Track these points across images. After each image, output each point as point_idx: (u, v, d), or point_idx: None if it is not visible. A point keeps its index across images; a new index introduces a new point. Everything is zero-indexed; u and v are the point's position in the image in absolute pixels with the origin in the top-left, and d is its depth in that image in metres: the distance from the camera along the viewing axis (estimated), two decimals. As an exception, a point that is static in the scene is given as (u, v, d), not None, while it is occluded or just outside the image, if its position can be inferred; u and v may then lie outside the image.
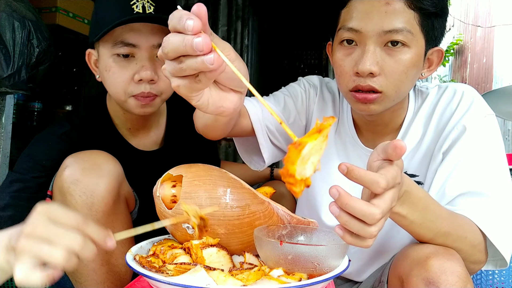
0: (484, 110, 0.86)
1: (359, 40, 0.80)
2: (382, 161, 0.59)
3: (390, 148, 0.56)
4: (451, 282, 0.62)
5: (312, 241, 0.73)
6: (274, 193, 0.86)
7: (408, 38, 0.78)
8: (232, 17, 3.22)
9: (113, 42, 0.93)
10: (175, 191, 0.77)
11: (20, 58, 1.56)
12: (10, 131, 1.62)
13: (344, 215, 0.54)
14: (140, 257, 0.69)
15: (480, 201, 0.77)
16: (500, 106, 2.17)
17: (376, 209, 0.53)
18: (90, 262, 0.83)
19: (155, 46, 0.94)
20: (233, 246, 0.74)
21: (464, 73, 9.21)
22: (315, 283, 0.59)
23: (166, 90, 0.99)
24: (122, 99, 0.97)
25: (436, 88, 0.93)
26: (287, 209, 0.78)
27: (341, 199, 0.54)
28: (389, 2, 0.77)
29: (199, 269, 0.60)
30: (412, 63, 0.80)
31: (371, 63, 0.77)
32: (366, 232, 0.55)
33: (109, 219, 0.85)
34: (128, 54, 0.94)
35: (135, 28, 0.93)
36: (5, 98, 1.59)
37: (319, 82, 1.07)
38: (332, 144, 1.02)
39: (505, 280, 1.41)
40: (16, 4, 1.59)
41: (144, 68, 0.93)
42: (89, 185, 0.82)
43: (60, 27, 2.20)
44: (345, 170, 0.55)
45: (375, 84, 0.79)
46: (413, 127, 0.93)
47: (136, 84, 0.95)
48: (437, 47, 0.85)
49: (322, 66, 5.35)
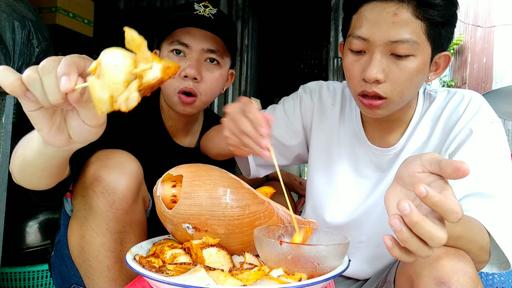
0: (491, 117, 0.87)
1: (367, 48, 0.82)
2: (434, 176, 0.55)
3: (452, 169, 0.52)
4: (463, 283, 0.62)
5: (312, 241, 0.73)
6: (274, 193, 0.86)
7: (414, 47, 0.79)
8: (232, 17, 3.22)
9: (172, 40, 1.07)
10: (175, 191, 0.77)
11: (20, 58, 1.56)
12: (10, 131, 1.62)
13: (407, 231, 0.50)
14: (140, 257, 0.69)
15: (487, 203, 0.77)
16: (500, 106, 2.17)
17: (445, 234, 0.50)
18: (105, 258, 0.85)
19: (205, 50, 1.06)
20: (233, 246, 0.74)
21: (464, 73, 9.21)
22: (315, 283, 0.59)
23: (206, 91, 1.09)
24: (170, 94, 1.08)
25: (445, 92, 0.95)
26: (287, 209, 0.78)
27: (412, 216, 0.49)
28: (397, 13, 0.79)
29: (199, 269, 0.60)
30: (418, 70, 0.82)
31: (377, 71, 0.80)
32: (423, 253, 0.51)
33: (128, 217, 0.87)
34: (180, 51, 1.07)
35: (191, 32, 1.06)
36: (5, 98, 1.59)
37: (317, 86, 1.11)
38: (338, 143, 1.04)
39: (505, 280, 1.41)
40: (16, 4, 1.59)
41: (190, 66, 1.05)
42: (111, 182, 0.84)
43: (60, 27, 2.20)
44: (423, 193, 0.49)
45: (380, 91, 0.82)
46: (419, 127, 0.94)
47: (182, 80, 1.06)
48: (444, 52, 0.86)
49: (322, 66, 5.34)
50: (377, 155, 0.98)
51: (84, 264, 0.86)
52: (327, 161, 1.05)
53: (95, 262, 0.85)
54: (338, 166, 1.03)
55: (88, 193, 0.84)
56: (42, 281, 1.79)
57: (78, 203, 0.86)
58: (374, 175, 0.99)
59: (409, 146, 0.95)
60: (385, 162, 0.97)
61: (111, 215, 0.84)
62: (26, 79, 0.49)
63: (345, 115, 1.05)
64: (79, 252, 0.87)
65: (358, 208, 0.99)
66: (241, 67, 3.22)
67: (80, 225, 0.85)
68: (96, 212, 0.83)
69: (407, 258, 0.53)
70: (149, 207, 0.99)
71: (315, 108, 1.08)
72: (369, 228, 0.97)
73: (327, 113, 1.07)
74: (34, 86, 0.49)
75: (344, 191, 1.01)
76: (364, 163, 1.00)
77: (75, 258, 0.88)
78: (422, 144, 0.94)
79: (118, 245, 0.86)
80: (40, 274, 1.78)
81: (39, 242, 1.84)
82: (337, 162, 1.03)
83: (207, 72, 1.07)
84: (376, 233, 0.96)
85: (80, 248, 0.86)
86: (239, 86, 3.22)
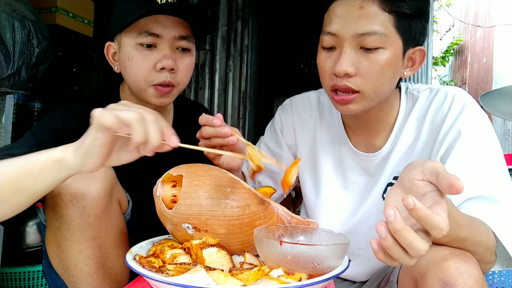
0: (477, 112, 0.86)
1: (337, 43, 0.84)
2: (432, 186, 0.56)
3: (446, 184, 0.52)
4: (468, 285, 0.62)
5: (312, 241, 0.73)
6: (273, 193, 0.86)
7: (382, 39, 0.81)
8: (232, 17, 3.22)
9: (137, 32, 0.98)
10: (175, 191, 0.77)
11: (20, 58, 1.56)
12: (10, 131, 1.62)
13: (391, 240, 0.51)
14: (140, 257, 0.69)
15: (488, 204, 0.77)
16: (500, 106, 2.17)
17: (425, 245, 0.51)
18: (85, 266, 0.82)
19: (177, 37, 1.00)
20: (233, 246, 0.74)
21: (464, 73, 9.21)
22: (315, 283, 0.59)
23: (182, 80, 1.04)
24: (142, 88, 1.01)
25: (427, 91, 0.94)
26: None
27: (395, 224, 0.50)
28: (363, 6, 0.81)
29: (199, 269, 0.60)
30: (388, 63, 0.82)
31: (346, 64, 0.82)
32: (405, 261, 0.52)
33: (102, 223, 0.84)
34: (151, 45, 0.99)
35: (159, 20, 0.98)
36: (5, 98, 1.59)
37: (291, 102, 1.12)
38: (322, 153, 1.04)
39: (505, 280, 1.41)
40: (16, 4, 1.59)
41: (166, 57, 0.99)
42: (79, 189, 0.81)
43: (60, 27, 2.20)
44: (411, 205, 0.49)
45: (351, 84, 0.83)
46: (405, 129, 0.93)
47: (157, 73, 1.00)
48: (418, 47, 0.87)
49: (322, 66, 5.33)
50: (363, 160, 0.98)
51: (65, 273, 0.85)
52: (314, 173, 1.05)
53: (75, 271, 0.83)
54: (326, 177, 1.03)
55: (57, 202, 0.81)
56: (42, 281, 1.79)
57: (49, 213, 0.84)
58: (362, 180, 0.98)
59: (397, 150, 0.94)
60: (373, 167, 0.97)
61: (84, 222, 0.81)
62: (137, 122, 0.60)
63: (325, 123, 1.05)
64: (59, 262, 0.85)
65: (352, 217, 0.99)
66: (241, 67, 3.22)
67: (54, 235, 0.83)
68: (67, 221, 0.80)
69: (391, 263, 0.54)
70: (128, 209, 0.96)
71: (295, 123, 1.09)
72: (367, 234, 0.97)
73: (307, 125, 1.07)
74: (139, 127, 0.60)
75: (334, 202, 1.02)
76: (351, 170, 1.00)
77: (56, 268, 0.87)
78: (409, 146, 0.93)
79: (97, 251, 0.83)
80: (40, 274, 1.78)
81: (39, 242, 1.84)
82: (324, 173, 1.03)
83: (180, 60, 1.02)
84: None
85: (59, 258, 0.85)
86: (239, 86, 3.22)
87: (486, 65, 7.93)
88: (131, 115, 0.60)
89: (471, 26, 8.82)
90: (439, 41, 10.32)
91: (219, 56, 3.20)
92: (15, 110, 1.68)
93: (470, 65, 8.92)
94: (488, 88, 7.47)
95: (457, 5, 9.53)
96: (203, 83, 3.22)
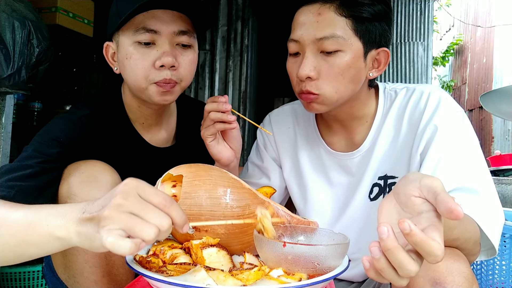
0: (452, 107, 0.89)
1: (300, 49, 0.89)
2: (429, 206, 0.52)
3: (445, 208, 0.49)
4: (458, 283, 0.62)
5: (312, 241, 0.73)
6: (274, 193, 0.86)
7: (340, 42, 0.84)
8: (232, 17, 3.23)
9: (134, 29, 0.93)
10: (175, 191, 0.77)
11: (20, 58, 1.56)
12: (10, 131, 1.62)
13: (384, 262, 0.50)
14: (140, 257, 0.69)
15: (470, 195, 0.78)
16: (500, 106, 2.17)
17: (415, 267, 0.49)
18: (90, 274, 0.82)
19: (176, 33, 0.94)
20: (233, 246, 0.74)
21: (464, 73, 9.21)
22: (315, 283, 0.59)
23: (185, 77, 0.99)
24: (142, 87, 0.96)
25: (404, 90, 0.96)
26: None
27: (387, 242, 0.48)
28: (320, 13, 0.86)
29: (199, 269, 0.60)
30: (348, 65, 0.86)
31: (307, 69, 0.86)
32: (397, 283, 0.51)
33: None
34: (149, 42, 0.94)
35: (156, 15, 0.93)
36: (5, 98, 1.59)
37: (269, 117, 1.16)
38: (304, 160, 1.06)
39: (505, 280, 1.41)
40: (16, 4, 1.59)
41: (165, 54, 0.93)
42: (85, 198, 0.80)
43: (60, 27, 2.20)
44: (407, 230, 0.47)
45: (311, 88, 0.87)
46: (384, 128, 0.95)
47: (157, 70, 0.94)
48: (382, 48, 0.89)
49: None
50: (341, 159, 1.00)
51: (70, 280, 0.85)
52: (300, 180, 1.07)
53: (81, 279, 0.83)
54: (310, 181, 1.05)
55: None
56: (41, 281, 1.79)
57: None
58: (345, 180, 1.00)
59: (378, 148, 0.95)
60: (353, 166, 0.98)
61: None
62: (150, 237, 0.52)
63: (302, 130, 1.08)
64: (64, 270, 0.85)
65: (340, 218, 1.00)
66: (241, 67, 3.22)
67: None
68: None
69: (382, 281, 0.53)
70: None
71: (275, 136, 1.12)
72: (357, 237, 0.97)
73: (287, 136, 1.10)
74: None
75: (321, 204, 1.03)
76: (332, 169, 1.02)
77: (61, 274, 0.87)
78: (390, 144, 0.95)
79: (103, 260, 0.83)
80: (40, 274, 1.78)
81: (39, 242, 1.83)
82: (308, 176, 1.05)
83: (181, 56, 0.96)
84: (368, 241, 0.96)
85: (64, 265, 0.85)
86: (239, 86, 3.22)
87: (486, 65, 7.94)
88: (151, 236, 0.52)
89: (471, 26, 8.82)
90: (439, 41, 10.33)
91: (219, 56, 3.20)
92: (15, 110, 1.68)
93: (470, 65, 8.93)
94: (488, 88, 7.47)
95: (457, 5, 9.54)
96: (203, 83, 3.22)
